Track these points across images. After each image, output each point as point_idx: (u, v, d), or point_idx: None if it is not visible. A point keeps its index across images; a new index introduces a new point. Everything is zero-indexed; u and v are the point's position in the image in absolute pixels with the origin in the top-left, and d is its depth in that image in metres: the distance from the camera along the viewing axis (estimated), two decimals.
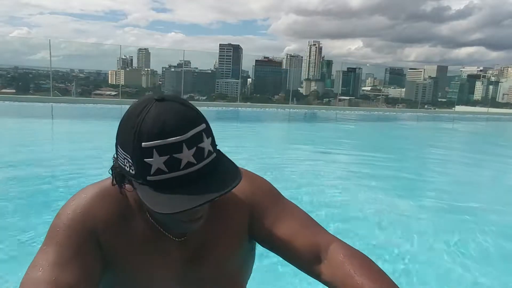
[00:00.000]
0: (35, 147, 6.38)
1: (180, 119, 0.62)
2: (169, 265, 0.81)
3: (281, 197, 0.88)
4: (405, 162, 7.16)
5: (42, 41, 18.66)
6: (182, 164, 0.61)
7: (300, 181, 4.92)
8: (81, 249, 0.70)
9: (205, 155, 0.64)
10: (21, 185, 4.12)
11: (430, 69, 35.33)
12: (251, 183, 0.86)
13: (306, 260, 0.78)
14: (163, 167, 0.61)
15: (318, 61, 38.66)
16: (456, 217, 3.93)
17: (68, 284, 0.65)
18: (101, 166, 5.18)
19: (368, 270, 0.72)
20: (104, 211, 0.75)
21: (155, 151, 0.60)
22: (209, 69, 28.14)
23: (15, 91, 17.86)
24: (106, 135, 8.76)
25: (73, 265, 0.68)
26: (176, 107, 0.63)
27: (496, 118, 22.51)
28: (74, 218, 0.73)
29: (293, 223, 0.81)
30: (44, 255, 0.69)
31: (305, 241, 0.78)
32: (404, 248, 3.06)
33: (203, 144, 0.64)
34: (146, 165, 0.61)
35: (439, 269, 2.77)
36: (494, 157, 8.26)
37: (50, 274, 0.65)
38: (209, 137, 0.66)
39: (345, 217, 3.67)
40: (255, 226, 0.84)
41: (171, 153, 0.61)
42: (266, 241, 0.83)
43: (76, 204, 0.75)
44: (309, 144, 8.75)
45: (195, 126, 0.63)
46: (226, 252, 0.84)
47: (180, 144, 0.61)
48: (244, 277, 0.93)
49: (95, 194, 0.77)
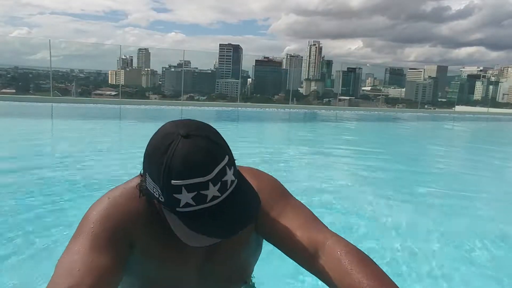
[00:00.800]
0: (37, 147, 6.39)
1: (205, 158, 0.68)
2: (190, 260, 0.89)
3: (286, 194, 0.93)
4: (405, 162, 7.16)
5: (42, 41, 18.69)
6: (208, 198, 0.69)
7: (300, 181, 4.92)
8: (113, 239, 0.77)
9: (228, 186, 0.71)
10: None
11: (430, 69, 35.34)
12: (259, 181, 0.91)
13: (305, 255, 0.80)
14: (191, 201, 0.69)
15: (318, 61, 38.63)
16: (456, 217, 3.94)
17: (104, 267, 0.71)
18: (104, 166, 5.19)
19: (365, 268, 0.72)
20: (133, 208, 0.82)
21: (184, 188, 0.68)
22: (209, 69, 28.15)
23: (15, 91, 17.86)
24: (106, 135, 8.76)
25: (107, 251, 0.74)
26: (201, 144, 0.69)
27: (496, 118, 22.51)
28: (107, 215, 0.80)
29: (295, 218, 0.85)
30: (80, 242, 0.74)
31: (305, 237, 0.81)
32: (402, 245, 3.06)
33: (226, 177, 0.71)
34: (176, 199, 0.69)
35: (441, 269, 2.78)
36: (494, 157, 8.26)
37: (87, 258, 0.71)
38: (231, 167, 0.73)
39: (345, 216, 3.68)
40: (260, 221, 0.89)
41: (198, 190, 0.68)
42: (270, 235, 0.88)
43: (107, 203, 0.82)
44: (309, 143, 8.74)
45: (219, 162, 0.70)
46: (236, 247, 0.92)
47: (207, 183, 0.68)
48: (251, 265, 1.03)
49: (125, 192, 0.85)
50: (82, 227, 0.78)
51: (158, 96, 23.42)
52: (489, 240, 3.28)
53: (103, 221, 0.78)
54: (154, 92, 25.22)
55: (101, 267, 0.70)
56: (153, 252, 0.85)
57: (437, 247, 3.13)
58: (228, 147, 0.76)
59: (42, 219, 3.19)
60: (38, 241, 2.77)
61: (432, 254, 3.00)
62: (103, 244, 0.75)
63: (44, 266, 2.34)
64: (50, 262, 2.32)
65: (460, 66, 51.09)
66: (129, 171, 4.84)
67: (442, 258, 2.92)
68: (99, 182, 4.29)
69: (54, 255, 2.51)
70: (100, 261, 0.71)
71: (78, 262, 0.70)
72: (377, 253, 2.87)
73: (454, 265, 2.84)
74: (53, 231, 2.95)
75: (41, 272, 2.26)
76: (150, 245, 0.84)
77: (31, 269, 2.42)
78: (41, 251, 2.63)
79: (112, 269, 0.72)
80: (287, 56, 32.50)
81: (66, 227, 2.94)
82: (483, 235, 3.40)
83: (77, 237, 0.76)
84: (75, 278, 0.67)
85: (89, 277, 0.67)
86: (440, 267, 2.78)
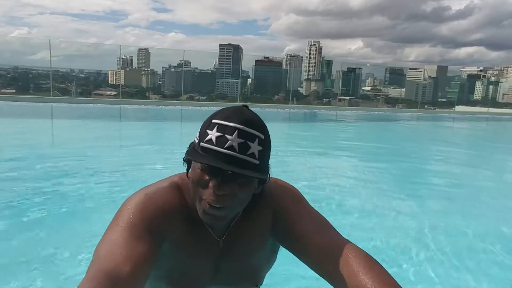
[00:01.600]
0: (35, 148, 6.38)
1: (248, 119, 0.79)
2: (209, 257, 0.95)
3: (302, 201, 0.98)
4: (405, 161, 7.16)
5: (42, 41, 18.63)
6: (227, 145, 0.76)
7: (300, 180, 4.92)
8: (149, 229, 0.82)
9: (248, 153, 0.77)
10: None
11: (430, 69, 35.37)
12: (279, 190, 0.98)
13: (317, 258, 0.85)
14: (214, 139, 0.77)
15: (318, 61, 38.63)
16: (457, 216, 3.94)
17: (142, 254, 0.76)
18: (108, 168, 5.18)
19: (372, 270, 0.75)
20: (167, 203, 0.89)
21: (217, 127, 0.78)
22: (209, 69, 28.15)
23: (15, 91, 17.87)
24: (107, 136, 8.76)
25: (144, 240, 0.79)
26: (251, 113, 0.81)
27: (496, 118, 22.51)
28: (145, 206, 0.86)
29: (310, 224, 0.90)
30: (118, 231, 0.80)
31: (319, 241, 0.86)
32: (406, 248, 3.06)
33: (251, 144, 0.78)
34: (205, 134, 0.79)
35: (447, 270, 2.78)
36: (495, 156, 8.26)
37: (126, 244, 0.76)
38: (261, 147, 0.79)
39: (344, 215, 3.68)
40: (276, 227, 0.95)
41: (225, 133, 0.77)
42: (285, 240, 0.94)
43: (143, 196, 0.88)
44: (308, 143, 8.75)
45: (254, 129, 0.79)
46: (252, 249, 0.98)
47: (234, 130, 0.76)
48: (264, 270, 1.06)
49: (159, 190, 0.91)
50: (120, 217, 0.84)
51: (158, 96, 23.42)
52: (490, 235, 3.28)
53: (141, 213, 0.84)
54: (154, 92, 25.23)
55: (139, 255, 0.75)
56: (181, 245, 0.91)
57: (439, 244, 3.13)
58: (269, 140, 0.83)
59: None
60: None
61: (437, 254, 2.99)
62: (141, 234, 0.80)
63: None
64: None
65: (460, 66, 51.09)
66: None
67: (448, 260, 2.92)
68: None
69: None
70: (138, 249, 0.76)
71: (118, 249, 0.75)
72: (380, 254, 2.86)
73: (460, 267, 2.84)
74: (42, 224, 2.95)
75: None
76: (179, 238, 0.90)
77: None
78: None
79: (148, 257, 0.77)
80: (287, 56, 32.50)
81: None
82: (483, 230, 3.40)
83: (114, 226, 0.82)
84: (116, 262, 0.72)
85: (129, 263, 0.73)
86: (447, 269, 2.78)
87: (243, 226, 0.95)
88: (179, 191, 0.92)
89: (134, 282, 0.72)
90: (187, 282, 0.96)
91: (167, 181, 0.94)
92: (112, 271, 0.70)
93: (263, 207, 0.94)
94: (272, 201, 0.95)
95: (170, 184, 0.93)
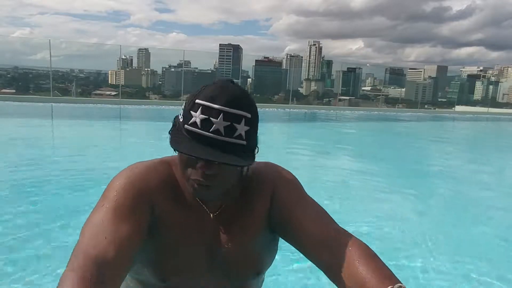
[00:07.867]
0: (37, 148, 6.38)
1: (233, 98, 0.74)
2: (204, 236, 0.90)
3: (301, 189, 0.96)
4: (405, 162, 7.16)
5: (42, 41, 18.63)
6: (212, 128, 0.73)
7: (300, 180, 4.92)
8: (136, 208, 0.81)
9: (234, 135, 0.74)
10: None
11: (430, 69, 35.42)
12: (276, 174, 0.96)
13: (315, 247, 0.83)
14: (199, 122, 0.74)
15: (318, 61, 38.68)
16: (457, 216, 3.94)
17: (127, 235, 0.75)
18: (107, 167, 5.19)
19: (369, 261, 0.75)
20: (155, 180, 0.87)
21: (201, 108, 0.74)
22: (209, 69, 28.12)
23: (15, 91, 17.84)
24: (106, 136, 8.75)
25: (130, 219, 0.78)
26: (238, 90, 0.77)
27: (496, 118, 22.50)
28: (130, 183, 0.84)
29: (309, 212, 0.88)
30: (104, 211, 0.78)
31: (317, 230, 0.83)
32: (406, 245, 3.06)
33: (238, 126, 0.74)
34: (189, 116, 0.75)
35: (447, 269, 2.78)
36: (496, 156, 8.26)
37: (111, 225, 0.75)
38: (248, 126, 0.76)
39: (344, 215, 3.68)
40: (273, 212, 0.91)
41: (210, 115, 0.73)
42: (281, 227, 0.91)
43: (129, 172, 0.87)
44: (308, 143, 8.74)
45: (240, 109, 0.74)
46: (248, 233, 0.92)
47: (219, 113, 0.73)
48: (263, 264, 0.98)
49: (146, 166, 0.89)
50: (106, 196, 0.82)
51: (158, 96, 23.40)
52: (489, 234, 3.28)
53: (126, 189, 0.82)
54: (154, 92, 25.21)
55: (123, 236, 0.75)
56: (171, 219, 0.88)
57: (439, 243, 3.13)
58: (257, 116, 0.80)
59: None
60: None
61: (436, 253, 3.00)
62: (126, 212, 0.79)
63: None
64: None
65: (460, 66, 51.21)
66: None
67: (448, 259, 2.93)
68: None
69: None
70: (122, 231, 0.76)
71: (103, 231, 0.74)
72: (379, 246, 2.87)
73: (460, 266, 2.84)
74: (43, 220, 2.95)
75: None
76: (169, 209, 0.87)
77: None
78: None
79: (134, 236, 0.77)
80: (287, 56, 32.53)
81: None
82: (483, 230, 3.40)
83: (100, 206, 0.80)
84: (102, 246, 0.71)
85: (114, 246, 0.72)
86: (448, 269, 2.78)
87: (238, 206, 0.92)
88: (168, 166, 0.90)
89: (120, 265, 0.72)
90: (181, 268, 0.90)
91: (157, 159, 0.93)
92: (96, 257, 0.69)
93: (261, 190, 0.92)
94: (270, 184, 0.93)
95: (160, 160, 0.92)
